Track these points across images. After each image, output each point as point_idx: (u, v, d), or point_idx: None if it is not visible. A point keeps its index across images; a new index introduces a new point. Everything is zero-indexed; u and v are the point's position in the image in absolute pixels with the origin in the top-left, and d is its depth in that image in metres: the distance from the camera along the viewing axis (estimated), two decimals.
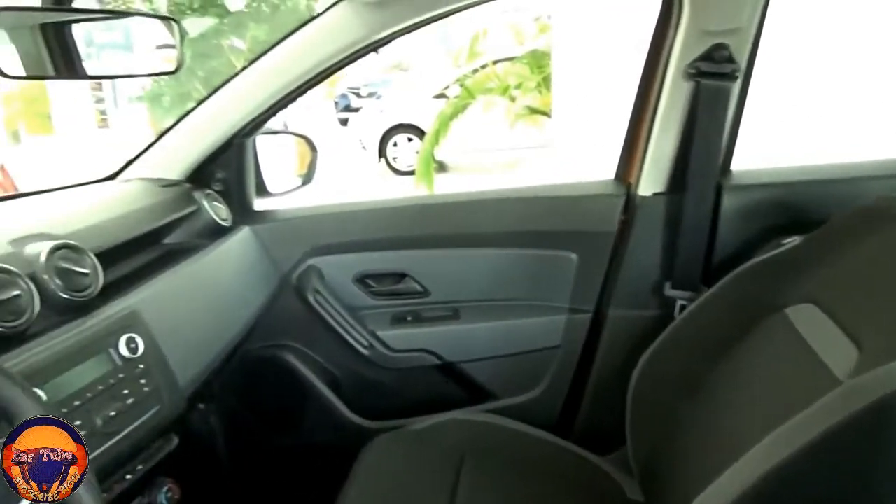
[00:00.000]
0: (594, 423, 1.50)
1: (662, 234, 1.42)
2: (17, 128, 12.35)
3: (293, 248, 1.50)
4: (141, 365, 0.97)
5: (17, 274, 0.88)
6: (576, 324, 1.50)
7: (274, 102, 1.33)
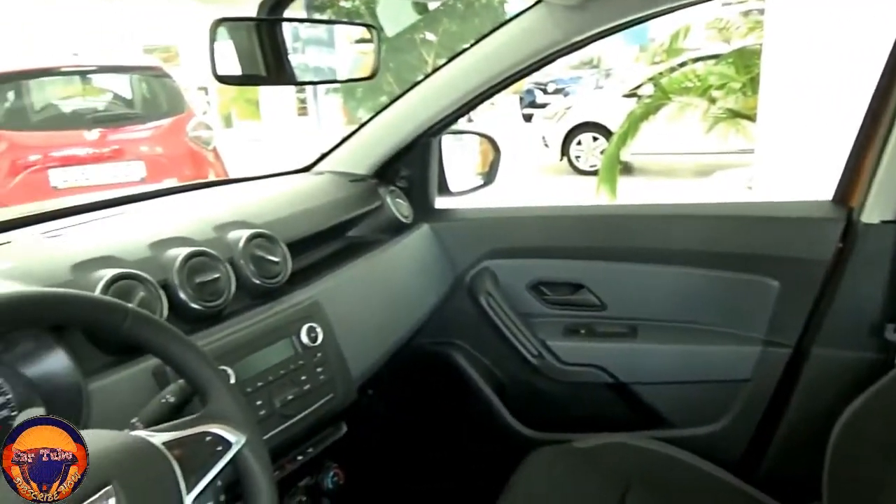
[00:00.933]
0: (783, 470, 1.37)
1: (888, 267, 1.26)
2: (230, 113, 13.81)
3: (470, 249, 1.53)
4: (319, 353, 1.04)
5: (218, 258, 0.99)
6: (771, 358, 1.38)
7: (464, 103, 1.36)
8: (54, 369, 0.79)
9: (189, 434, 0.68)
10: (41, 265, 0.89)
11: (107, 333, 0.76)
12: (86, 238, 1.03)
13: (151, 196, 1.37)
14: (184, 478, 0.65)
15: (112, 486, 0.59)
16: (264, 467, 0.73)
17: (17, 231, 1.12)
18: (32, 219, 1.23)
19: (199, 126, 5.07)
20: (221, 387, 0.73)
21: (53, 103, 5.14)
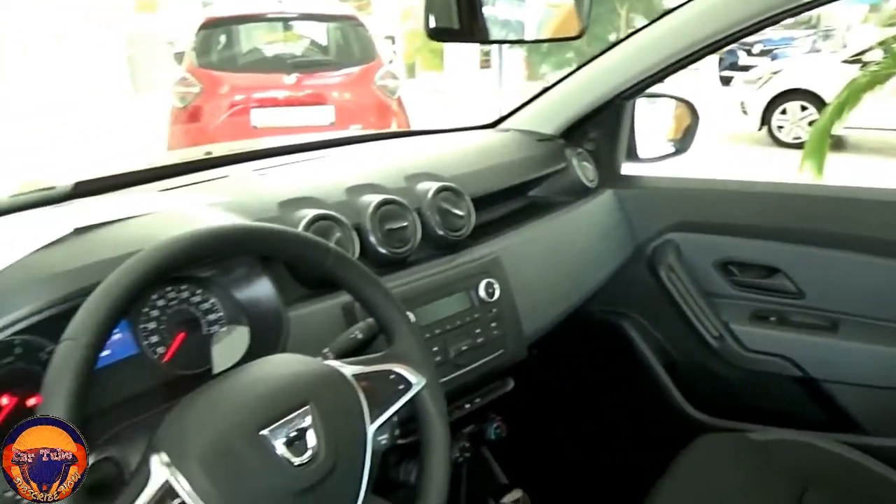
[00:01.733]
0: None
1: None
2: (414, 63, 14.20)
3: (654, 219, 1.49)
4: (494, 309, 1.07)
5: (407, 207, 1.05)
6: None
7: (666, 66, 1.31)
8: (260, 295, 0.89)
9: (375, 370, 0.75)
10: (253, 200, 0.99)
11: (309, 268, 0.84)
12: (290, 178, 1.13)
13: (346, 142, 1.46)
14: (368, 409, 0.71)
15: (310, 405, 0.66)
16: (440, 410, 0.78)
17: (232, 167, 1.26)
18: (244, 156, 1.37)
19: (386, 75, 5.28)
20: (407, 330, 0.79)
21: (258, 47, 5.59)
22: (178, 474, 0.59)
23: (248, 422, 0.63)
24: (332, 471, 0.65)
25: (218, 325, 0.92)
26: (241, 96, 5.01)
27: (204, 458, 0.60)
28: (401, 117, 5.30)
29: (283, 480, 0.63)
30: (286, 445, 0.63)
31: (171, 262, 0.65)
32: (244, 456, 0.62)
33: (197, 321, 0.90)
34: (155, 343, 0.87)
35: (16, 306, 0.69)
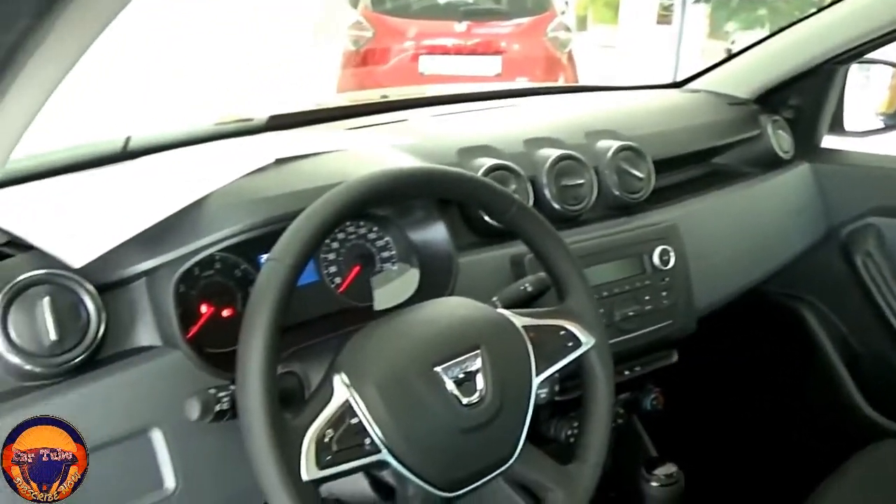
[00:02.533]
0: None
1: None
2: (586, 15, 13.76)
3: (855, 199, 1.37)
4: (667, 278, 1.05)
5: (585, 165, 1.04)
6: None
7: None
8: (434, 238, 0.92)
9: (545, 324, 0.76)
10: (433, 145, 1.02)
11: (491, 216, 0.86)
12: (467, 126, 1.15)
13: (522, 94, 1.46)
14: (535, 361, 0.72)
15: (481, 349, 0.69)
16: (607, 373, 0.78)
17: (409, 111, 1.30)
18: (421, 101, 1.40)
19: (558, 27, 5.16)
20: (582, 288, 0.79)
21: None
22: (357, 396, 0.63)
23: (423, 357, 0.67)
24: (496, 414, 0.68)
25: (390, 263, 0.96)
26: (412, 42, 5.10)
27: (381, 384, 0.64)
28: (569, 72, 5.18)
29: (451, 416, 0.66)
30: (456, 384, 0.66)
31: (370, 196, 0.69)
32: (417, 388, 0.65)
33: (371, 257, 0.95)
34: (333, 273, 0.93)
35: (221, 226, 0.76)
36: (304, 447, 0.59)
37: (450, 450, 0.66)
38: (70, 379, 0.67)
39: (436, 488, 0.65)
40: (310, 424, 0.61)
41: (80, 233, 0.70)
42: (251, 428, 0.58)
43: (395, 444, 0.63)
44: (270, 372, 0.59)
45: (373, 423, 0.63)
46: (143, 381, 0.70)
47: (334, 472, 0.61)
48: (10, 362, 0.64)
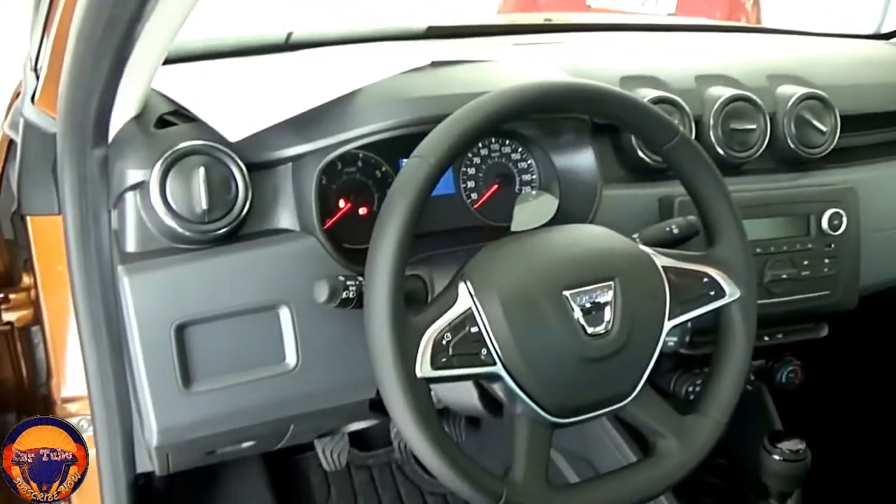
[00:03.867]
0: None
1: None
2: None
3: None
4: (833, 244, 0.97)
5: (760, 109, 0.96)
6: None
7: None
8: (580, 165, 0.89)
9: (689, 268, 0.72)
10: (594, 68, 0.97)
11: (650, 144, 0.81)
12: (633, 55, 1.09)
13: (698, 29, 1.37)
14: (670, 305, 0.70)
15: (615, 281, 0.67)
16: (748, 330, 0.74)
17: (570, 34, 1.25)
18: (584, 27, 1.35)
19: None
20: (737, 236, 0.74)
21: None
22: (480, 306, 0.63)
23: (554, 278, 0.66)
24: (620, 350, 0.66)
25: (530, 186, 0.95)
26: None
27: (506, 298, 0.64)
28: (752, 17, 4.79)
29: (573, 344, 0.65)
30: (583, 312, 0.65)
31: (524, 106, 0.67)
32: (542, 308, 0.64)
33: (512, 177, 0.94)
34: (470, 189, 0.93)
35: (371, 120, 0.77)
36: (422, 345, 0.61)
37: (566, 376, 0.65)
38: (214, 247, 0.72)
39: (545, 412, 0.65)
40: (430, 324, 0.62)
41: (239, 110, 0.73)
42: (374, 318, 0.60)
43: (511, 361, 0.63)
44: (400, 265, 0.61)
45: (492, 335, 0.63)
46: (278, 260, 0.73)
47: (447, 374, 0.62)
48: (166, 224, 0.69)
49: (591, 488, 0.69)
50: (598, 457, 1.03)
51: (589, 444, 1.04)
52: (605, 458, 1.02)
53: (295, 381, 0.74)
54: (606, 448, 1.01)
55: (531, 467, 0.64)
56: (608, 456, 1.01)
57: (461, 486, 0.60)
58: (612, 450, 1.00)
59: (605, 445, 1.02)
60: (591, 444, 1.04)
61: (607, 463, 1.01)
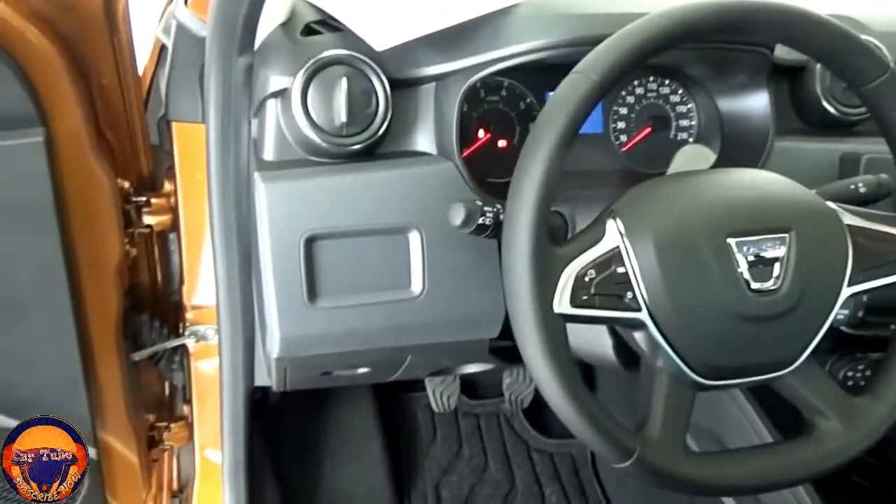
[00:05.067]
0: None
1: None
2: None
3: None
4: None
5: None
6: None
7: None
8: (751, 111, 0.80)
9: (880, 230, 0.63)
10: None
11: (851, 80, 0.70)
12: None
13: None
14: (852, 269, 0.61)
15: (791, 234, 0.59)
16: None
17: None
18: None
19: None
20: None
21: None
22: (629, 246, 0.58)
23: (719, 223, 0.59)
24: (785, 313, 0.59)
25: (687, 133, 0.87)
26: None
27: (661, 241, 0.57)
28: None
29: (733, 298, 0.58)
30: (749, 265, 0.58)
31: (706, 25, 0.59)
32: (702, 255, 0.58)
33: (667, 121, 0.87)
34: (621, 130, 0.86)
35: (523, 38, 0.71)
36: (563, 279, 0.56)
37: (719, 334, 0.59)
38: (349, 163, 0.70)
39: (690, 370, 0.59)
40: (573, 258, 0.57)
41: (387, 19, 0.70)
42: (514, 241, 0.55)
43: (659, 308, 0.57)
44: (548, 187, 0.55)
45: (640, 278, 0.57)
46: (413, 182, 0.70)
47: (586, 314, 0.57)
48: (304, 135, 0.68)
49: (735, 459, 0.63)
50: (727, 432, 0.95)
51: (717, 416, 0.96)
52: (736, 434, 0.94)
53: (418, 309, 0.71)
54: (738, 424, 0.93)
55: (668, 427, 0.59)
56: (739, 432, 0.93)
57: (592, 435, 0.56)
58: (744, 426, 0.92)
59: (736, 420, 0.93)
60: (719, 416, 0.96)
61: (737, 440, 0.93)
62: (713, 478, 0.60)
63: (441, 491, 1.32)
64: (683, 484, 0.59)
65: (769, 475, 0.61)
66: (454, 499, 1.31)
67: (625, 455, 0.57)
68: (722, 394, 0.66)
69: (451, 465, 1.35)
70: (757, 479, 0.61)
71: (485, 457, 1.36)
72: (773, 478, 0.62)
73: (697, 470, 0.59)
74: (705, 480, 0.59)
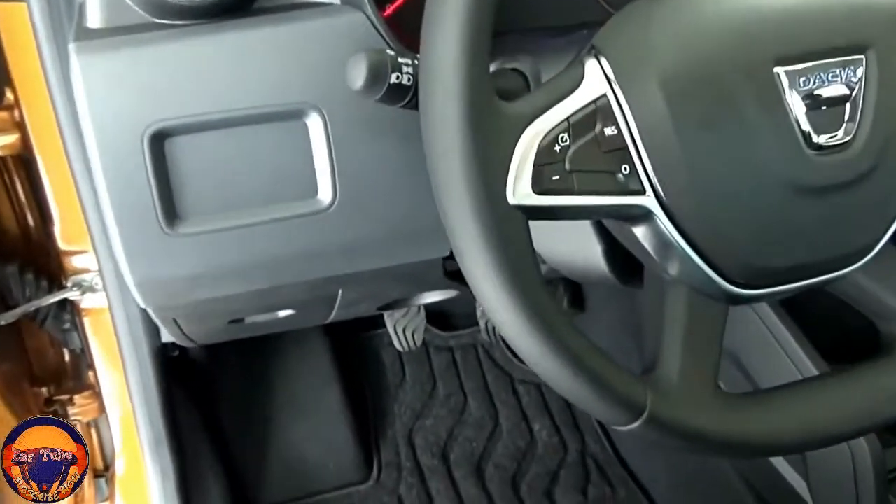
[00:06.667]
0: None
1: None
2: None
3: None
4: None
5: None
6: None
7: None
8: None
9: None
10: None
11: None
12: None
13: None
14: None
15: (870, 53, 0.39)
16: None
17: None
18: None
19: None
20: None
21: None
22: (621, 94, 0.38)
23: (759, 44, 0.38)
24: (861, 179, 0.40)
25: None
26: None
27: (670, 81, 0.38)
28: None
29: (784, 160, 0.39)
30: (807, 105, 0.38)
31: None
32: (735, 97, 0.38)
33: None
34: None
35: None
36: (520, 150, 0.36)
37: (764, 217, 0.39)
38: (212, 22, 0.48)
39: (720, 276, 0.40)
40: (535, 117, 0.37)
41: None
42: (433, 98, 0.35)
43: (673, 187, 0.38)
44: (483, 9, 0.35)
45: (642, 141, 0.38)
46: (307, 43, 0.49)
47: (559, 203, 0.37)
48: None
49: (794, 401, 0.43)
50: (753, 356, 0.77)
51: (740, 334, 0.77)
52: (763, 358, 0.75)
53: (331, 226, 0.51)
54: (764, 343, 0.74)
55: (691, 363, 0.41)
56: (767, 356, 0.74)
57: (576, 386, 0.37)
58: (772, 346, 0.74)
59: (762, 338, 0.75)
60: (742, 334, 0.77)
61: (766, 367, 0.75)
62: (767, 433, 0.41)
63: (415, 438, 1.15)
64: (724, 446, 0.40)
65: (849, 419, 0.43)
66: (430, 446, 1.14)
67: (630, 412, 0.38)
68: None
69: (425, 407, 1.18)
70: (836, 425, 0.43)
71: (463, 395, 1.19)
72: (855, 423, 0.43)
73: (742, 424, 0.41)
74: (757, 437, 0.41)
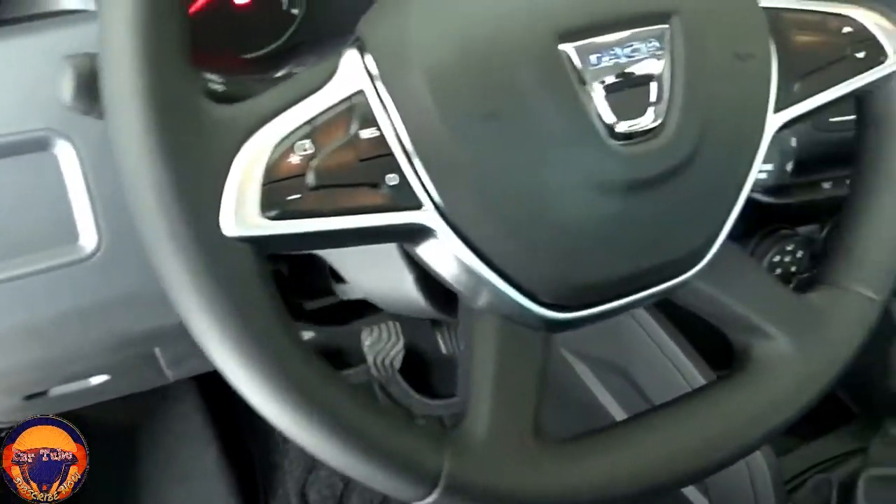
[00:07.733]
0: None
1: None
2: None
3: None
4: None
5: None
6: None
7: None
8: None
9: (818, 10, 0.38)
10: None
11: None
12: None
13: None
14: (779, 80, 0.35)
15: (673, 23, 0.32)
16: None
17: None
18: None
19: None
20: None
21: None
22: (383, 88, 0.30)
23: (537, 20, 0.31)
24: (679, 170, 0.33)
25: None
26: None
27: (435, 68, 0.30)
28: None
29: (582, 153, 0.31)
30: (606, 89, 0.31)
31: None
32: (517, 85, 0.30)
33: None
34: None
35: None
36: (239, 165, 0.28)
37: (570, 224, 0.32)
38: None
39: (533, 300, 0.32)
40: (264, 121, 0.29)
41: None
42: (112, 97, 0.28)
43: (455, 197, 0.30)
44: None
45: (413, 144, 0.30)
46: (47, 57, 0.40)
47: (300, 230, 0.29)
48: None
49: (634, 437, 0.36)
50: (641, 370, 0.70)
51: (625, 347, 0.71)
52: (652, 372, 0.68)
53: (100, 276, 0.42)
54: (651, 355, 0.68)
55: (504, 408, 0.33)
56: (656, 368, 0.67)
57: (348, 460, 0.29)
58: (664, 363, 0.67)
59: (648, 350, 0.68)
60: (627, 347, 0.71)
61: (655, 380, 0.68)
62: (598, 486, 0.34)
63: (308, 493, 1.06)
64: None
65: (703, 454, 0.36)
66: (325, 500, 1.05)
67: (422, 483, 0.30)
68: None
69: None
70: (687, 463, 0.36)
71: None
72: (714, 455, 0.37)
73: (567, 478, 0.33)
74: (586, 492, 0.33)
